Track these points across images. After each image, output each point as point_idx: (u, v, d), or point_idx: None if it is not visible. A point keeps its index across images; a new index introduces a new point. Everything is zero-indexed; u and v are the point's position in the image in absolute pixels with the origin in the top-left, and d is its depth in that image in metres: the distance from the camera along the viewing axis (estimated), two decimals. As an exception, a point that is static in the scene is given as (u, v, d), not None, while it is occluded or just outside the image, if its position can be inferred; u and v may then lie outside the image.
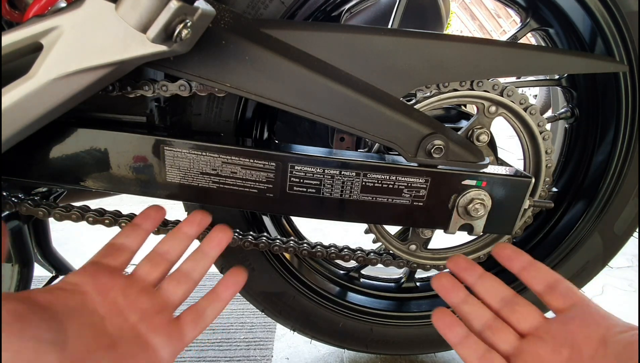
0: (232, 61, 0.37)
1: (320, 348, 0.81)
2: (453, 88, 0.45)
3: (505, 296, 0.41)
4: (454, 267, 0.44)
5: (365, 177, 0.43)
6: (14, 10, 0.35)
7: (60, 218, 0.48)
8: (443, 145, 0.41)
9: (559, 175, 0.64)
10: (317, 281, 0.63)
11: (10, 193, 0.49)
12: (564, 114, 0.60)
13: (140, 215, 0.44)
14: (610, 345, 0.34)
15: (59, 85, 0.31)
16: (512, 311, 0.40)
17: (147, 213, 0.44)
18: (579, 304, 0.38)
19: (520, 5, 0.55)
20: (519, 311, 0.39)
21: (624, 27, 0.46)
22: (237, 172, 0.43)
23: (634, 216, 0.56)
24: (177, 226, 0.44)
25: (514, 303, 0.40)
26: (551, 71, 0.46)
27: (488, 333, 0.39)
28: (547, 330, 0.37)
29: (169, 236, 0.43)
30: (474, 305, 0.41)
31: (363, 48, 0.40)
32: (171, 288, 0.40)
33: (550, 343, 0.36)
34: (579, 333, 0.35)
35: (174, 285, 0.41)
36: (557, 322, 0.37)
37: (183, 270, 0.42)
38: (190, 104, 0.47)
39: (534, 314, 0.39)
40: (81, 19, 0.30)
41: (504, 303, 0.40)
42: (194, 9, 0.29)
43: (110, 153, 0.42)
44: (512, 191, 0.45)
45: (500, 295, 0.41)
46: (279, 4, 0.43)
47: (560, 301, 0.38)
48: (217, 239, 0.44)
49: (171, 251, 0.42)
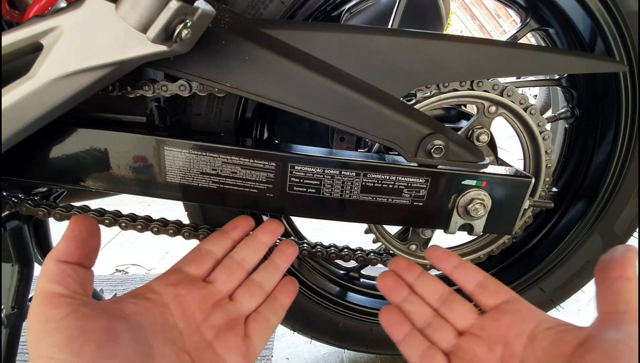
0: (232, 61, 0.37)
1: (320, 348, 0.81)
2: (453, 88, 0.45)
3: (443, 294, 0.41)
4: (395, 268, 0.44)
5: (365, 177, 0.43)
6: (14, 10, 0.35)
7: (60, 218, 0.48)
8: (443, 145, 0.41)
9: (559, 175, 0.64)
10: (317, 281, 0.63)
11: (10, 193, 0.49)
12: (564, 114, 0.60)
13: (229, 224, 0.44)
14: (537, 341, 0.34)
15: (59, 85, 0.31)
16: (449, 309, 0.40)
17: (236, 222, 0.44)
18: (510, 301, 0.39)
19: (520, 5, 0.55)
20: (456, 309, 0.40)
21: (624, 27, 0.46)
22: (237, 172, 0.43)
23: (634, 216, 0.56)
24: (253, 233, 0.44)
25: (450, 301, 0.41)
26: (551, 71, 0.46)
27: (429, 330, 0.39)
28: (482, 328, 0.38)
29: (246, 243, 0.43)
30: (415, 303, 0.41)
31: (363, 48, 0.40)
32: (245, 301, 0.40)
33: (486, 340, 0.37)
34: (510, 330, 0.36)
35: (248, 297, 0.40)
36: (489, 318, 0.38)
37: (256, 281, 0.41)
38: (190, 104, 0.47)
39: (469, 311, 0.40)
40: (81, 19, 0.30)
41: (441, 301, 0.41)
42: (194, 9, 0.29)
43: (110, 153, 0.42)
44: (512, 191, 0.45)
45: (439, 293, 0.41)
46: (279, 4, 0.43)
47: (491, 298, 0.39)
48: (287, 252, 0.44)
49: (247, 259, 0.42)
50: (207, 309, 0.37)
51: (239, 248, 0.42)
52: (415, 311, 0.41)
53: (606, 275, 0.34)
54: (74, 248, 0.31)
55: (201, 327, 0.36)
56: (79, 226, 0.32)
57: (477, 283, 0.40)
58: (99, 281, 1.04)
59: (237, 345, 0.37)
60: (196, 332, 0.36)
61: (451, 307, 0.40)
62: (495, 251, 0.57)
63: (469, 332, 0.38)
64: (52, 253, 0.31)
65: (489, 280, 0.40)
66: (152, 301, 0.35)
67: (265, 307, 0.40)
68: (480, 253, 0.57)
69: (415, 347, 0.38)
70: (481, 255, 0.57)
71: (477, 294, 0.40)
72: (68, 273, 0.30)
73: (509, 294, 0.39)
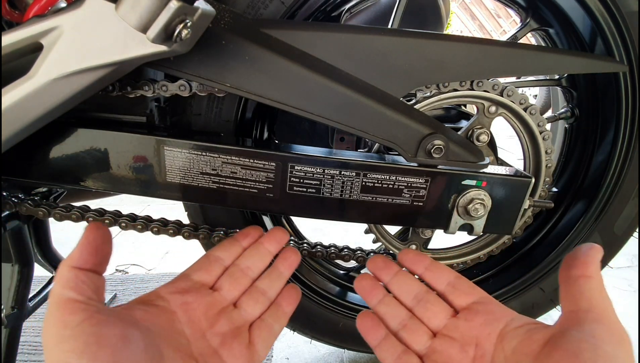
0: (232, 61, 0.37)
1: (320, 348, 0.81)
2: (453, 88, 0.45)
3: (418, 293, 0.41)
4: (373, 267, 0.44)
5: (365, 177, 0.43)
6: (14, 10, 0.35)
7: (60, 218, 0.48)
8: (443, 145, 0.41)
9: (559, 175, 0.64)
10: (317, 281, 0.63)
11: (10, 193, 0.49)
12: (564, 114, 0.60)
13: (241, 232, 0.45)
14: (507, 340, 0.34)
15: (59, 85, 0.31)
16: (424, 309, 0.40)
17: (247, 231, 0.45)
18: (481, 301, 0.39)
19: (520, 5, 0.55)
20: (430, 309, 0.40)
21: (624, 27, 0.46)
22: (237, 172, 0.43)
23: (634, 216, 0.56)
24: (259, 241, 0.44)
25: (425, 301, 0.41)
26: (551, 71, 0.46)
27: (403, 333, 0.40)
28: (454, 328, 0.38)
29: (252, 251, 0.43)
30: (390, 305, 0.42)
31: (363, 48, 0.40)
32: (249, 308, 0.40)
33: (459, 341, 0.37)
34: (482, 330, 0.36)
35: (252, 304, 0.40)
36: (462, 319, 0.38)
37: (260, 288, 0.42)
38: (190, 104, 0.47)
39: (444, 311, 0.40)
40: (81, 19, 0.30)
41: (416, 300, 0.41)
42: (194, 9, 0.29)
43: (110, 153, 0.42)
44: (512, 191, 0.45)
45: (414, 292, 0.42)
46: (279, 4, 0.43)
47: (463, 298, 0.39)
48: (290, 259, 0.44)
49: (253, 267, 0.42)
50: (213, 316, 0.38)
51: (244, 256, 0.43)
52: (390, 314, 0.41)
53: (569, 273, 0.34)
54: (88, 255, 0.32)
55: (207, 334, 0.37)
56: (93, 234, 0.32)
57: (449, 283, 0.41)
58: (99, 281, 1.04)
59: (241, 353, 0.37)
60: (202, 338, 0.36)
61: (426, 307, 0.40)
62: (495, 251, 0.56)
63: (442, 333, 0.39)
64: (67, 260, 0.31)
65: (460, 280, 0.41)
66: (161, 308, 0.35)
67: (269, 314, 0.41)
68: (480, 253, 0.57)
69: (390, 351, 0.39)
70: (481, 255, 0.57)
71: (448, 294, 0.40)
72: (82, 280, 0.30)
73: (480, 294, 0.40)
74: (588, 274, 0.33)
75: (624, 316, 0.99)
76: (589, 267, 0.34)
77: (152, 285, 1.03)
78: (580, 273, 0.34)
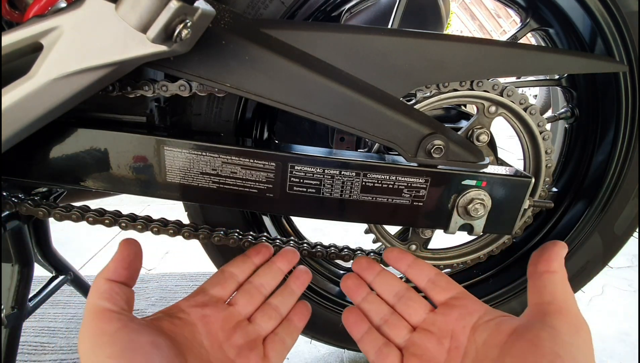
0: (232, 61, 0.37)
1: (320, 348, 0.81)
2: (453, 88, 0.45)
3: (399, 291, 0.44)
4: (357, 268, 0.47)
5: (365, 177, 0.43)
6: (14, 10, 0.35)
7: (60, 218, 0.48)
8: (443, 145, 0.41)
9: (559, 175, 0.64)
10: (317, 281, 0.63)
11: (10, 193, 0.49)
12: (564, 114, 0.60)
13: (252, 249, 0.47)
14: (478, 332, 0.37)
15: (59, 85, 0.31)
16: (405, 305, 0.43)
17: (258, 248, 0.47)
18: (458, 296, 0.41)
19: (520, 5, 0.55)
20: (411, 306, 0.42)
21: (624, 27, 0.46)
22: (237, 172, 0.43)
23: (634, 216, 0.56)
24: (272, 260, 0.47)
25: (406, 298, 0.43)
26: (551, 71, 0.46)
27: (385, 328, 0.42)
28: (432, 322, 0.40)
29: (265, 270, 0.46)
30: (373, 303, 0.44)
31: (363, 48, 0.40)
32: (263, 323, 0.42)
33: (436, 335, 0.39)
34: (457, 324, 0.39)
35: (266, 319, 0.43)
36: (439, 313, 0.41)
37: (273, 304, 0.44)
38: (190, 104, 0.47)
39: (423, 307, 0.42)
40: (81, 19, 0.30)
41: (398, 297, 0.43)
42: (194, 9, 0.29)
43: (110, 153, 0.42)
44: (512, 191, 0.45)
45: (395, 290, 0.44)
46: (279, 4, 0.43)
47: (442, 294, 0.42)
48: (302, 278, 0.47)
49: (266, 285, 0.45)
50: (229, 330, 0.40)
51: (258, 274, 0.45)
52: (373, 310, 0.43)
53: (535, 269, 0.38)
54: (122, 269, 0.35)
55: (224, 346, 0.38)
56: (127, 249, 0.36)
57: (429, 279, 0.43)
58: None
59: None
60: (219, 350, 0.38)
61: (407, 304, 0.43)
62: (495, 251, 0.56)
63: (421, 327, 0.41)
64: (103, 272, 0.35)
65: (440, 277, 0.43)
66: (183, 320, 0.38)
67: (282, 329, 0.43)
68: (480, 253, 0.57)
69: (372, 344, 0.41)
70: (481, 255, 0.57)
71: (428, 290, 0.43)
72: (116, 292, 0.33)
73: (457, 289, 0.42)
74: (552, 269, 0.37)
75: (624, 317, 0.99)
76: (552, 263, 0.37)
77: (152, 285, 1.03)
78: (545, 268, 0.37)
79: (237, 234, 0.52)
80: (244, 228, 0.54)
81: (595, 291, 1.04)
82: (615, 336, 0.88)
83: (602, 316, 0.94)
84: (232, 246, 0.51)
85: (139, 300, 0.98)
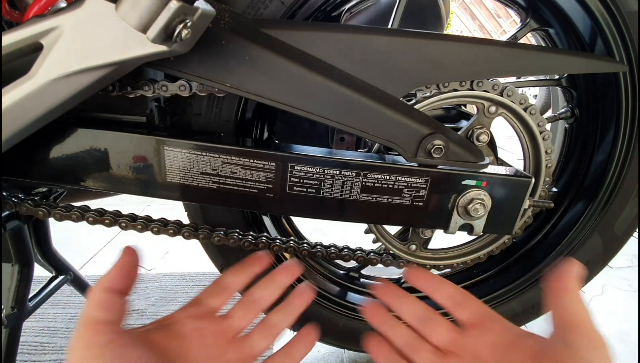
0: (232, 61, 0.37)
1: (320, 348, 0.81)
2: (453, 88, 0.45)
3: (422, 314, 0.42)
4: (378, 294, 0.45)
5: (365, 177, 0.43)
6: (14, 10, 0.35)
7: (60, 218, 0.48)
8: (443, 145, 0.41)
9: (559, 175, 0.64)
10: (317, 282, 0.63)
11: (10, 193, 0.49)
12: (564, 114, 0.60)
13: (250, 257, 0.45)
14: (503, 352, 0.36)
15: (59, 85, 0.31)
16: (429, 328, 0.41)
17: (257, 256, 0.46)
18: (481, 315, 0.40)
19: (520, 5, 0.55)
20: (434, 328, 0.41)
21: (624, 27, 0.46)
22: (237, 172, 0.43)
23: (634, 216, 0.56)
24: (272, 273, 0.45)
25: (429, 320, 0.42)
26: (551, 71, 0.46)
27: (410, 352, 0.40)
28: (461, 345, 0.39)
29: (265, 282, 0.44)
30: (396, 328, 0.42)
31: (363, 48, 0.40)
32: (259, 339, 0.41)
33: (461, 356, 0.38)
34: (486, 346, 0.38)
35: (262, 336, 0.41)
36: (468, 336, 0.39)
37: (271, 321, 0.43)
38: (190, 104, 0.47)
39: (446, 328, 0.41)
40: (81, 19, 0.30)
41: (421, 320, 0.42)
42: (194, 9, 0.29)
43: (110, 153, 0.42)
44: (512, 191, 0.45)
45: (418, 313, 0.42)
46: (279, 4, 0.43)
47: (465, 314, 0.40)
48: (304, 296, 0.45)
49: (265, 298, 0.43)
50: (223, 345, 0.39)
51: (257, 287, 0.44)
52: (396, 335, 0.42)
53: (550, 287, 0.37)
54: (121, 277, 0.34)
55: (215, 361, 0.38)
56: (129, 257, 0.36)
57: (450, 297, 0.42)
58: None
59: None
60: None
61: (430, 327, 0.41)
62: (495, 251, 0.56)
63: (446, 349, 0.40)
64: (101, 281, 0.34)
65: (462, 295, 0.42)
66: (176, 332, 0.37)
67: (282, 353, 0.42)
68: (480, 253, 0.57)
69: None
70: (481, 255, 0.57)
71: (451, 309, 0.41)
72: (114, 301, 0.33)
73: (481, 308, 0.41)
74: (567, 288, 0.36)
75: (624, 317, 0.99)
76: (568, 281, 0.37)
77: (152, 285, 1.03)
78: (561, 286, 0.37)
79: (237, 234, 0.52)
80: (244, 228, 0.54)
81: (595, 291, 1.04)
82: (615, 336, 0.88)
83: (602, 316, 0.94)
84: (232, 246, 0.51)
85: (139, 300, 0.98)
